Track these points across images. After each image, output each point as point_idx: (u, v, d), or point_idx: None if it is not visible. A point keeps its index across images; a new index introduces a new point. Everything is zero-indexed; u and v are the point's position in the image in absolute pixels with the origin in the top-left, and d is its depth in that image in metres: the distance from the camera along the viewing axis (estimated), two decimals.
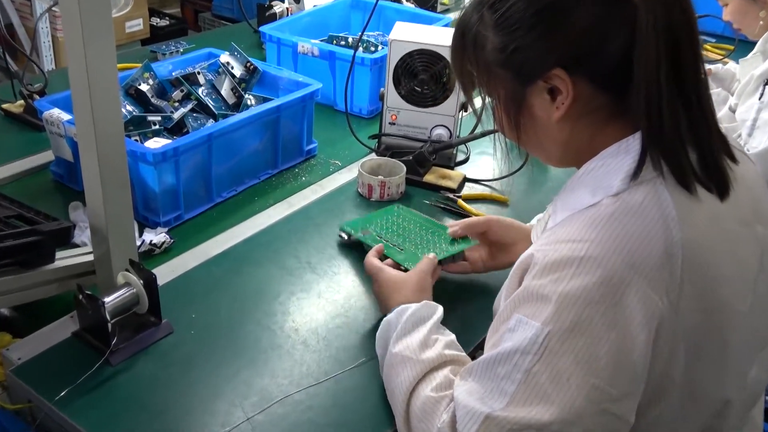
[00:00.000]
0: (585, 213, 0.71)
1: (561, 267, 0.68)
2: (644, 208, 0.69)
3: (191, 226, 1.24)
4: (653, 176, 0.71)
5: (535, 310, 0.68)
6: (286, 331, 1.00)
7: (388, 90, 1.43)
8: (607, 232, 0.68)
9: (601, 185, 0.73)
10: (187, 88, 1.41)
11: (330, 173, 1.44)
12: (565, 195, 0.78)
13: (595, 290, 0.66)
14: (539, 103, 0.76)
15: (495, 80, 0.77)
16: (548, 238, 0.72)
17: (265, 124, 1.36)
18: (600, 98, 0.74)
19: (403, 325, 0.87)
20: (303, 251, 1.18)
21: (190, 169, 1.23)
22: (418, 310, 0.90)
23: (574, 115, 0.75)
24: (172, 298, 1.04)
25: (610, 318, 0.66)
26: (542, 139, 0.79)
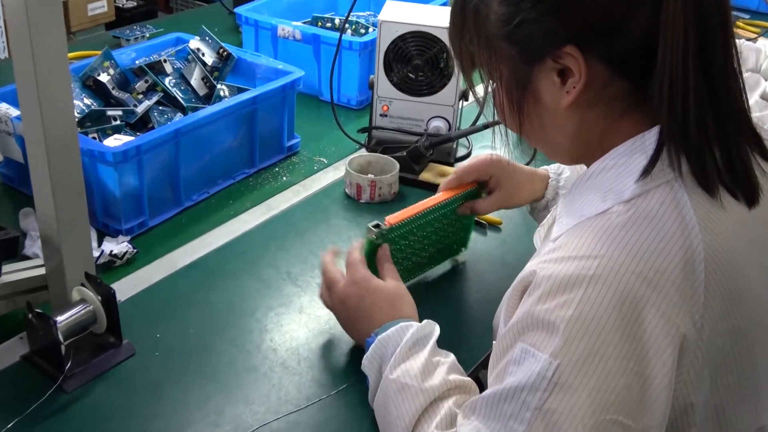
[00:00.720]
0: (594, 222, 0.70)
1: (568, 288, 0.67)
2: (661, 215, 0.68)
3: (157, 233, 1.23)
4: (671, 178, 0.70)
5: (542, 339, 0.68)
6: (263, 352, 1.00)
7: (378, 77, 1.43)
8: (620, 246, 0.67)
9: (612, 189, 0.72)
10: (153, 78, 1.41)
11: (314, 172, 1.44)
12: (572, 198, 0.77)
13: (608, 314, 0.66)
14: (547, 86, 0.75)
15: (497, 57, 0.76)
16: (553, 251, 0.71)
17: (241, 117, 1.36)
18: (616, 85, 0.73)
19: (403, 346, 0.86)
20: (283, 261, 1.18)
21: (156, 169, 1.23)
22: (421, 329, 0.89)
23: (585, 103, 0.74)
24: (135, 315, 1.03)
25: (626, 345, 0.65)
26: (548, 128, 0.78)
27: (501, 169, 1.13)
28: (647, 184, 0.70)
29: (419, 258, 1.12)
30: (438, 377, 0.83)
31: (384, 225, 1.03)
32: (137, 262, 1.16)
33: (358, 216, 1.30)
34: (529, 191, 1.15)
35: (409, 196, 1.36)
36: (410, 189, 1.38)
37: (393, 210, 1.31)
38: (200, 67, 1.46)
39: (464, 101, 1.49)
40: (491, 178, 1.14)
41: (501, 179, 1.14)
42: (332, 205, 1.34)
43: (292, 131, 1.49)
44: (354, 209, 1.33)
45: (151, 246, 1.19)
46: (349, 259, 0.99)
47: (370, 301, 0.95)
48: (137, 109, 1.37)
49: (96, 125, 1.31)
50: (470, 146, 1.55)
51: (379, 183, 1.33)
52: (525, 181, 1.15)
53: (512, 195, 1.15)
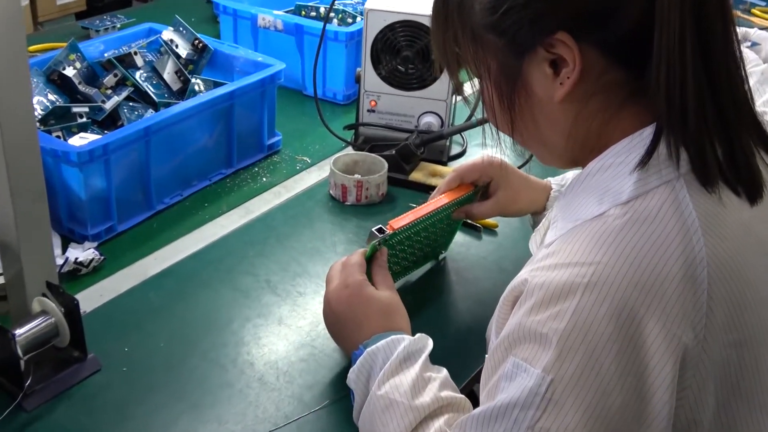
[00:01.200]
0: (590, 226, 0.70)
1: (561, 298, 0.67)
2: (660, 218, 0.68)
3: (126, 239, 1.23)
4: (672, 177, 0.70)
5: (534, 353, 0.68)
6: (238, 366, 1.00)
7: (365, 70, 1.43)
8: (616, 252, 0.67)
9: (609, 190, 0.72)
10: (122, 72, 1.41)
11: (296, 172, 1.44)
12: (567, 201, 0.77)
13: (605, 326, 0.66)
14: (539, 78, 0.75)
15: (484, 51, 0.76)
16: (546, 258, 0.71)
17: (217, 114, 1.36)
18: (613, 74, 0.73)
19: (393, 360, 0.86)
20: (262, 268, 1.18)
21: (125, 170, 1.23)
22: (413, 342, 0.89)
23: (581, 95, 0.74)
24: (101, 328, 1.03)
25: (624, 359, 0.65)
26: (541, 125, 0.79)
27: (503, 172, 1.15)
28: (646, 185, 0.70)
29: (407, 262, 1.12)
30: (429, 394, 0.83)
31: (387, 230, 1.03)
32: (104, 270, 1.15)
33: (343, 219, 1.31)
34: (528, 200, 1.16)
35: (399, 198, 1.37)
36: (399, 190, 1.39)
37: (381, 212, 1.32)
38: (174, 59, 1.46)
39: (458, 96, 1.49)
40: (491, 181, 1.15)
41: (501, 183, 1.15)
42: (316, 207, 1.34)
43: (272, 128, 1.49)
44: (339, 212, 1.33)
45: (119, 253, 1.19)
46: (347, 260, 1.00)
47: (362, 310, 0.95)
48: (105, 105, 1.37)
49: (60, 123, 1.31)
50: (465, 144, 1.55)
51: (366, 184, 1.33)
52: (525, 189, 1.16)
53: (511, 201, 1.16)
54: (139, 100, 1.42)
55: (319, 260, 1.20)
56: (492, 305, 1.08)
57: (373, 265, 1.01)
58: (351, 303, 0.95)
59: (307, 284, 1.15)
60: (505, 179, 1.15)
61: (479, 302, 1.14)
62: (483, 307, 1.12)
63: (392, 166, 1.38)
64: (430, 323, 1.05)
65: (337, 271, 1.00)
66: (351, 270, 0.98)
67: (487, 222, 1.29)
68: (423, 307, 1.11)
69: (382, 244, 1.02)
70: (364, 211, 1.33)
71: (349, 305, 0.95)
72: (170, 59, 1.46)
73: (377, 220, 1.29)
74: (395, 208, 1.34)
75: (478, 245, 1.26)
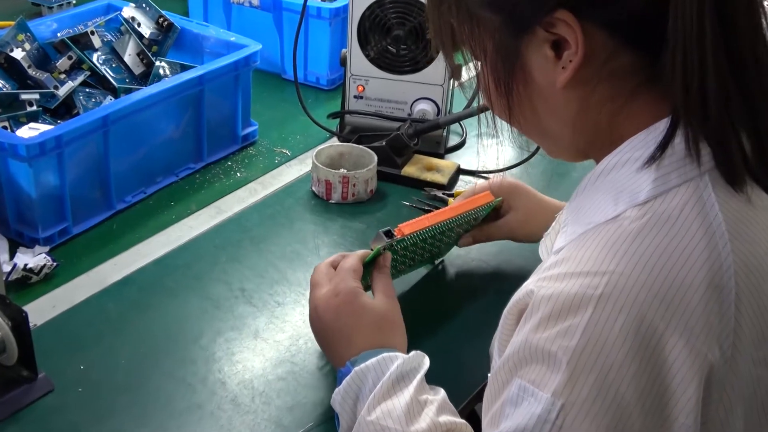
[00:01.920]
0: (603, 230, 0.70)
1: (571, 313, 0.67)
2: (682, 220, 0.68)
3: (82, 243, 1.23)
4: (695, 175, 0.70)
5: (542, 374, 0.67)
6: (209, 386, 1.00)
7: (351, 52, 1.43)
8: (632, 259, 0.67)
9: (624, 189, 0.72)
10: (77, 54, 1.40)
11: (275, 167, 1.44)
12: (578, 201, 0.77)
13: (620, 343, 0.65)
14: (538, 61, 0.75)
15: (479, 30, 0.77)
16: (554, 266, 0.71)
17: (185, 101, 1.35)
18: (623, 58, 0.72)
19: (385, 382, 0.86)
20: (235, 275, 1.17)
21: (81, 165, 1.22)
22: (407, 361, 0.89)
23: (586, 81, 0.74)
24: (54, 343, 1.03)
25: (643, 381, 0.65)
26: (542, 115, 0.79)
27: (514, 193, 1.19)
28: (666, 183, 0.70)
29: (403, 266, 1.12)
30: (425, 420, 0.83)
31: (395, 233, 1.03)
32: (58, 278, 1.15)
33: (327, 220, 1.30)
34: (541, 224, 1.14)
35: (390, 195, 1.37)
36: (391, 186, 1.38)
37: (369, 211, 1.32)
38: (135, 40, 1.46)
39: (455, 81, 1.49)
40: (503, 201, 1.19)
41: (512, 204, 1.19)
42: (296, 206, 1.33)
43: (248, 117, 1.48)
44: (323, 211, 1.32)
45: (74, 258, 1.19)
46: (342, 264, 1.00)
47: (352, 322, 0.95)
48: (58, 91, 1.36)
49: (7, 112, 1.30)
50: (464, 134, 1.55)
51: (352, 179, 1.32)
52: (539, 212, 1.18)
53: (521, 224, 1.19)
54: (96, 86, 1.41)
55: (299, 266, 1.20)
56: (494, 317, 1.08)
57: (374, 270, 1.01)
58: (341, 313, 0.95)
59: (287, 293, 1.15)
60: (516, 201, 1.19)
61: (480, 313, 1.14)
62: (484, 318, 1.11)
63: (382, 159, 1.38)
64: (424, 337, 1.05)
65: (325, 274, 1.00)
66: (344, 275, 0.98)
67: None
68: (416, 319, 1.10)
69: (387, 249, 1.02)
70: (351, 210, 1.33)
71: (338, 315, 0.95)
72: (132, 39, 1.46)
73: (365, 221, 1.30)
74: (386, 206, 1.34)
75: (479, 249, 1.26)
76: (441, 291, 1.19)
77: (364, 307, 0.95)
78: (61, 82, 1.38)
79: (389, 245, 1.02)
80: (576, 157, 0.83)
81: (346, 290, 0.96)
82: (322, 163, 1.34)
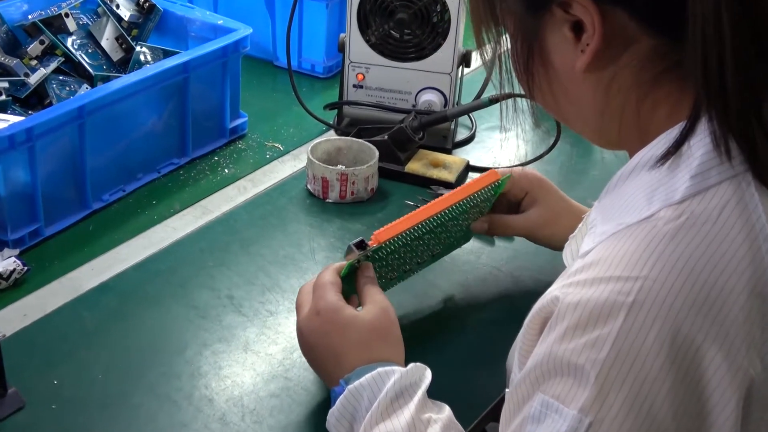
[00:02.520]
0: (635, 231, 0.70)
1: (601, 321, 0.67)
2: (722, 222, 0.68)
3: (55, 245, 1.23)
4: (738, 171, 0.70)
5: (568, 389, 0.68)
6: (194, 403, 1.00)
7: (350, 36, 1.43)
8: (668, 263, 0.67)
9: (659, 187, 0.72)
10: (50, 39, 1.40)
11: (266, 162, 1.44)
12: (608, 200, 0.78)
13: (654, 355, 0.65)
14: (557, 42, 0.76)
15: (502, 10, 0.80)
16: (581, 271, 0.71)
17: (168, 90, 1.36)
18: (645, 42, 0.73)
19: (383, 399, 0.86)
20: (223, 281, 1.18)
21: (54, 160, 1.22)
22: (405, 375, 0.89)
23: (606, 66, 0.75)
24: (24, 356, 1.03)
25: (678, 397, 0.66)
26: (561, 99, 0.80)
27: (541, 189, 1.18)
28: (705, 181, 0.70)
29: (409, 266, 1.12)
30: None
31: (370, 243, 1.03)
32: (28, 284, 1.15)
33: (324, 221, 1.31)
34: (566, 224, 1.14)
35: (393, 194, 1.37)
36: (393, 184, 1.39)
37: (370, 212, 1.32)
38: (114, 22, 1.46)
39: (465, 67, 1.50)
40: (527, 195, 1.18)
41: (539, 200, 1.18)
42: (290, 206, 1.34)
43: (237, 108, 1.49)
44: (319, 211, 1.33)
45: (47, 262, 1.19)
46: (317, 281, 0.99)
47: (338, 340, 0.95)
48: (29, 79, 1.36)
49: None
50: (473, 127, 1.56)
51: (351, 176, 1.33)
52: (565, 214, 1.18)
53: (546, 223, 1.18)
54: (71, 73, 1.41)
55: (293, 271, 1.20)
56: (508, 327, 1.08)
57: (357, 279, 1.01)
58: (325, 332, 0.95)
59: (279, 301, 1.15)
60: (541, 196, 1.18)
61: (492, 324, 1.14)
62: (497, 329, 1.12)
63: (384, 154, 1.38)
64: (430, 350, 1.05)
65: (307, 293, 1.00)
66: (322, 292, 0.98)
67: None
68: (420, 330, 1.11)
69: (364, 260, 1.02)
70: (350, 210, 1.33)
71: (323, 335, 0.95)
72: (110, 22, 1.46)
73: (365, 222, 1.30)
74: (387, 206, 1.34)
75: (491, 252, 1.26)
76: (447, 299, 1.19)
77: (349, 322, 0.95)
78: (33, 69, 1.38)
79: (364, 257, 1.02)
80: (606, 145, 0.85)
81: (326, 307, 0.96)
82: (318, 159, 1.34)
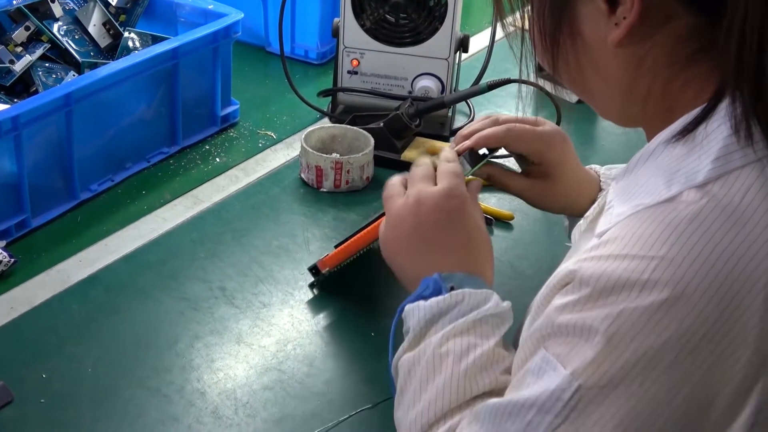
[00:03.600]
0: (655, 212, 0.70)
1: (614, 295, 0.68)
2: (745, 206, 0.68)
3: (43, 237, 1.23)
4: (761, 155, 0.69)
5: (568, 350, 0.69)
6: (186, 397, 1.00)
7: (344, 21, 1.43)
8: (687, 245, 0.67)
9: (680, 169, 0.72)
10: (36, 24, 1.40)
11: (258, 151, 1.44)
12: (628, 182, 0.77)
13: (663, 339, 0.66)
14: (590, 14, 0.76)
15: None
16: (598, 247, 0.72)
17: (157, 77, 1.36)
18: (684, 19, 0.72)
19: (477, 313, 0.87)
20: (215, 273, 1.18)
21: (41, 149, 1.22)
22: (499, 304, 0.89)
23: (641, 42, 0.74)
24: (12, 349, 1.03)
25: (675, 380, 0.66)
26: (589, 75, 0.80)
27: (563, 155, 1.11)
28: (728, 164, 0.70)
29: None
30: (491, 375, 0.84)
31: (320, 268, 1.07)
32: (15, 276, 1.15)
33: (318, 210, 1.31)
34: (577, 196, 1.13)
35: None
36: (390, 172, 1.36)
37: (365, 201, 1.32)
38: (101, 8, 1.46)
39: (462, 52, 1.50)
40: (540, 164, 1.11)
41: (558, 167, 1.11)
42: (283, 195, 1.34)
43: (228, 95, 1.49)
44: (313, 201, 1.33)
45: (34, 254, 1.19)
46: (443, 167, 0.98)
47: (462, 233, 0.95)
48: (14, 66, 1.36)
49: None
50: (471, 114, 1.56)
51: (346, 165, 1.33)
52: (579, 182, 1.12)
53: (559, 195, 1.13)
54: (57, 60, 1.41)
55: (287, 262, 1.20)
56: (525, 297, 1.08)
57: None
58: (453, 220, 0.95)
59: (273, 293, 1.15)
60: (562, 163, 1.11)
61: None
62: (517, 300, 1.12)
63: (379, 142, 1.38)
64: None
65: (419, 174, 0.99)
66: (460, 184, 0.96)
67: (500, 212, 1.29)
68: None
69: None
70: (345, 199, 1.33)
71: (450, 222, 0.95)
72: (97, 7, 1.45)
73: (361, 211, 1.30)
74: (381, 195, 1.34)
75: None
76: None
77: (478, 226, 0.96)
78: (18, 55, 1.38)
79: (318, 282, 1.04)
80: (626, 123, 0.84)
81: (464, 197, 0.96)
82: (312, 147, 1.34)
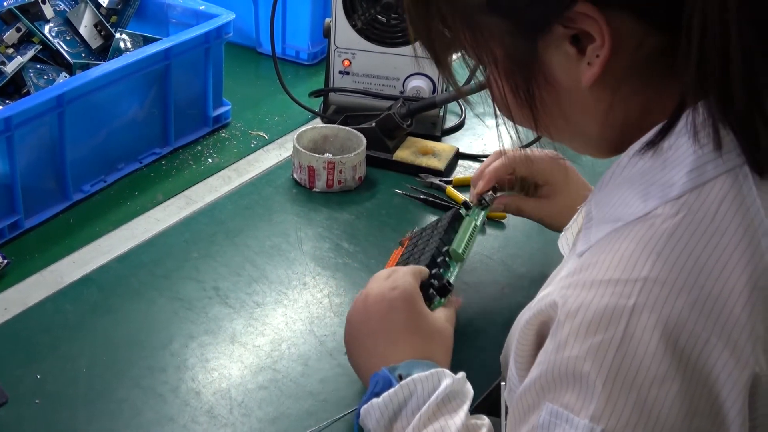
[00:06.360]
0: (633, 230, 0.70)
1: (602, 327, 0.67)
2: (720, 217, 0.68)
3: (36, 238, 1.23)
4: (735, 165, 0.70)
5: (576, 398, 0.68)
6: (181, 396, 1.00)
7: (336, 22, 1.43)
8: (667, 263, 0.67)
9: (656, 182, 0.72)
10: (27, 26, 1.40)
11: (251, 151, 1.45)
12: (602, 195, 0.77)
13: (659, 358, 0.66)
14: (559, 61, 0.74)
15: (485, 36, 0.76)
16: (579, 272, 0.71)
17: (149, 78, 1.36)
18: (654, 41, 0.72)
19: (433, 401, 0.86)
20: (208, 273, 1.18)
21: (33, 150, 1.22)
22: (457, 382, 0.88)
23: (617, 73, 0.73)
24: (6, 350, 1.03)
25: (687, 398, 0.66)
26: (571, 118, 0.78)
27: (566, 179, 1.17)
28: (702, 175, 0.70)
29: None
30: None
31: None
32: (8, 278, 1.15)
33: (311, 210, 1.31)
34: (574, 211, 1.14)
35: (381, 183, 1.38)
36: (382, 172, 1.39)
37: (358, 201, 1.32)
38: (92, 9, 1.45)
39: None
40: (546, 185, 1.18)
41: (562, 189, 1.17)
42: (275, 195, 1.34)
43: (220, 96, 1.49)
44: (306, 201, 1.33)
45: (27, 255, 1.19)
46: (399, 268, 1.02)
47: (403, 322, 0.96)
48: (6, 68, 1.36)
49: None
50: (463, 114, 1.56)
51: (338, 165, 1.33)
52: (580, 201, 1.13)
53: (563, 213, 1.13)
54: (48, 62, 1.41)
55: (280, 262, 1.21)
56: (500, 316, 1.09)
57: None
58: (394, 308, 0.96)
59: (266, 292, 1.16)
60: (566, 187, 1.17)
61: (484, 312, 1.15)
62: (489, 318, 1.13)
63: (371, 142, 1.38)
64: None
65: (384, 272, 1.02)
66: (405, 273, 0.99)
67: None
68: None
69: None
70: (337, 199, 1.34)
71: (390, 310, 0.96)
72: (88, 9, 1.45)
73: (353, 211, 1.31)
74: (376, 195, 1.35)
75: (482, 241, 1.27)
76: None
77: (421, 312, 0.97)
78: (9, 57, 1.38)
79: None
80: (606, 155, 0.82)
81: (404, 286, 0.97)
82: (304, 147, 1.35)
